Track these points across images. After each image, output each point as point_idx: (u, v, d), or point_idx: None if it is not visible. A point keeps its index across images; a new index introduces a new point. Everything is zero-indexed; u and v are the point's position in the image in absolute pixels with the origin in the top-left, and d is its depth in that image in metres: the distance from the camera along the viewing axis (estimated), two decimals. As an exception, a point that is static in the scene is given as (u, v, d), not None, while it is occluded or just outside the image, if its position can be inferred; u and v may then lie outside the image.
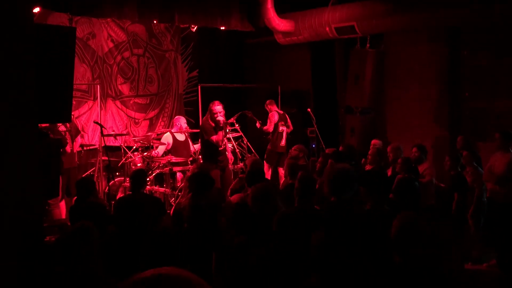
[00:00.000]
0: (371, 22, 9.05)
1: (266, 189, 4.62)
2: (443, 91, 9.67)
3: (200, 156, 8.82)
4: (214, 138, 8.10)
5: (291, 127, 10.19)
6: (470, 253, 7.25)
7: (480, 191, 7.17)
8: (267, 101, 10.22)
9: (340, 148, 7.82)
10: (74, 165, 8.47)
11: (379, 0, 8.94)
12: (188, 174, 7.06)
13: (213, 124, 8.15)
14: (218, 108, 8.11)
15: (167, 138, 9.36)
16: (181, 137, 9.46)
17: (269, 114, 10.13)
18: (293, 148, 8.13)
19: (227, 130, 8.79)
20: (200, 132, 8.47)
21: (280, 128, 10.01)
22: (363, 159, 8.10)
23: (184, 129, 9.45)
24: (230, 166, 9.32)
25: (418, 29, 9.39)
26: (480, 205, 7.19)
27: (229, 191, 7.07)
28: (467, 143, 7.88)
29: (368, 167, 7.66)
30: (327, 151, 8.01)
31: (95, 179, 8.89)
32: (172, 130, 9.50)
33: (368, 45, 9.73)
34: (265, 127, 10.02)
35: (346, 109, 10.35)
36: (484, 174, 7.14)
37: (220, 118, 8.07)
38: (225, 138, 8.40)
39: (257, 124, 10.02)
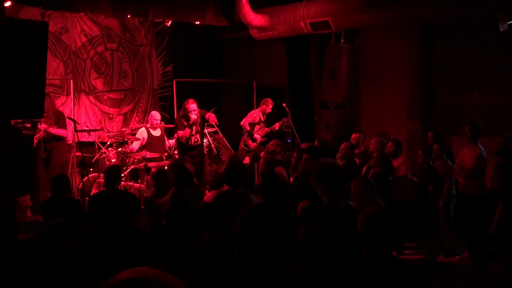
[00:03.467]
0: (345, 18, 9.09)
1: None
2: (417, 86, 9.78)
3: (176, 151, 8.87)
4: (179, 133, 8.23)
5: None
6: (443, 246, 7.37)
7: (450, 184, 7.28)
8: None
9: (316, 143, 7.87)
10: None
11: (353, -5, 8.99)
12: (154, 170, 7.11)
13: (185, 123, 8.25)
14: (192, 106, 8.23)
15: (142, 133, 9.31)
16: (156, 132, 9.41)
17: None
18: (270, 143, 8.15)
19: (204, 126, 8.81)
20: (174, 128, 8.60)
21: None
22: (338, 154, 8.16)
23: (156, 125, 9.40)
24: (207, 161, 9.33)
25: (392, 25, 9.46)
26: (449, 198, 7.31)
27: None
28: (437, 137, 7.99)
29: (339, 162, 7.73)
30: (302, 146, 8.05)
31: (68, 175, 8.79)
32: (148, 125, 9.46)
33: (342, 40, 9.77)
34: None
35: (321, 104, 10.40)
36: (455, 168, 7.25)
37: (194, 116, 8.16)
38: (197, 135, 8.45)
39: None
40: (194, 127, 8.31)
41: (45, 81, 4.56)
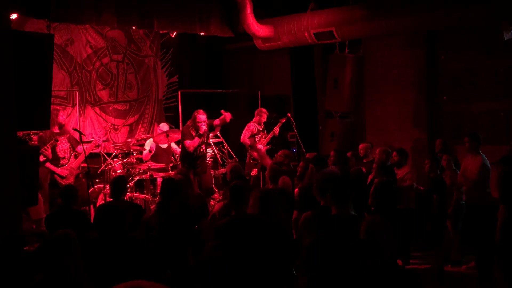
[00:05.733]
0: (349, 28, 9.11)
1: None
2: (421, 95, 9.78)
3: (180, 162, 8.88)
4: (187, 143, 8.25)
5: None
6: (449, 255, 7.34)
7: (458, 194, 7.25)
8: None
9: (332, 153, 7.88)
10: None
11: (357, 5, 9.02)
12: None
13: (193, 133, 8.28)
14: (202, 117, 8.31)
15: (150, 143, 9.35)
16: (164, 144, 9.44)
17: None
18: (278, 154, 8.16)
19: (208, 136, 8.85)
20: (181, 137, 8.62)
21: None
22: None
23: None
24: (211, 171, 9.34)
25: (396, 34, 9.48)
26: (458, 207, 7.28)
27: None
28: (445, 146, 7.97)
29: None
30: (307, 155, 8.04)
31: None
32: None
33: (346, 50, 9.80)
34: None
35: (326, 113, 10.40)
36: (459, 177, 7.23)
37: (203, 126, 8.22)
38: (203, 145, 8.50)
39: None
40: (201, 138, 8.37)
41: (51, 93, 4.60)
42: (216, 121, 8.59)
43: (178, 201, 5.31)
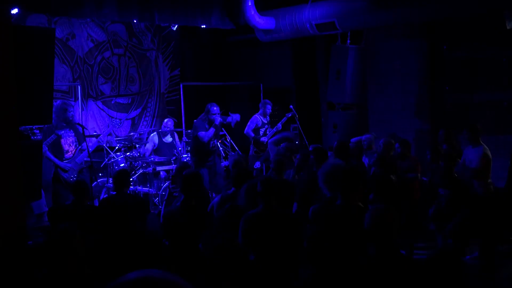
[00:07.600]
0: (351, 19, 9.07)
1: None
2: (424, 85, 9.74)
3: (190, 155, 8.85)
4: (202, 133, 8.30)
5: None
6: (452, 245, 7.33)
7: None
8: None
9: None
10: None
11: (358, -4, 8.99)
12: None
13: (207, 126, 8.36)
14: (216, 109, 8.43)
15: (153, 138, 9.35)
16: (167, 139, 9.43)
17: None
18: (280, 146, 8.14)
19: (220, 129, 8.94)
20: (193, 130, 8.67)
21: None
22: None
23: (168, 130, 9.44)
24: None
25: (398, 25, 9.44)
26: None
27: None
28: (448, 136, 7.95)
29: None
30: (311, 147, 8.02)
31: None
32: (160, 130, 9.52)
33: (348, 41, 9.77)
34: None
35: (328, 105, 10.38)
36: (460, 168, 7.22)
37: (219, 118, 8.40)
38: (215, 139, 8.58)
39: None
40: (216, 129, 8.46)
41: (52, 87, 4.60)
42: (228, 119, 8.77)
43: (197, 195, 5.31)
